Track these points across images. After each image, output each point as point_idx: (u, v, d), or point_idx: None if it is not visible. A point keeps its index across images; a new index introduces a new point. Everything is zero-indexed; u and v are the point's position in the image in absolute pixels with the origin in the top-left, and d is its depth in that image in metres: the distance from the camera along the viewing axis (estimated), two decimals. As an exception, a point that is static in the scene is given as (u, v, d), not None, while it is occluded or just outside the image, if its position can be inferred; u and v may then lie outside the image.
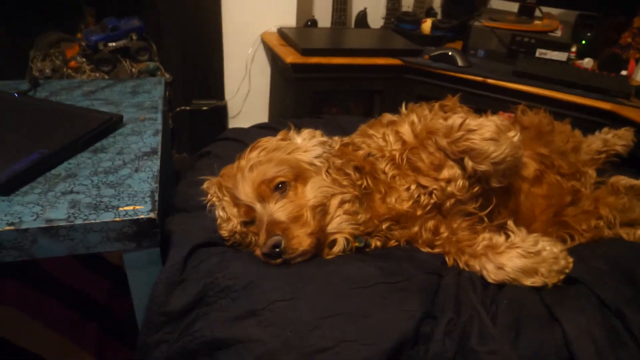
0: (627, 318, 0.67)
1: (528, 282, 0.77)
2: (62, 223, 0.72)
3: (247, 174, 0.79)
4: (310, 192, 0.79)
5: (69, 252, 0.75)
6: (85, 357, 1.21)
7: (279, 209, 0.75)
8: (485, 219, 0.88)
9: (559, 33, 1.75)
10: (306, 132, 0.90)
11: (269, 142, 0.86)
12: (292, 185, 0.79)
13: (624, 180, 0.97)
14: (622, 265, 0.77)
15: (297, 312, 0.66)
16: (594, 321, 0.67)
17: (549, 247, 0.79)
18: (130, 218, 0.75)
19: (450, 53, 1.65)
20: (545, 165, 1.02)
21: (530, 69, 1.58)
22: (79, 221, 0.73)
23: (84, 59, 1.69)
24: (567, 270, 0.79)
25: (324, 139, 0.90)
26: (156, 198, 0.80)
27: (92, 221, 0.73)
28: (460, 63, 1.63)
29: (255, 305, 0.67)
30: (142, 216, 0.75)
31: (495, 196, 0.90)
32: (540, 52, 1.68)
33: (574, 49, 1.73)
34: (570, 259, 0.80)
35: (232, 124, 2.19)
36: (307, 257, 0.74)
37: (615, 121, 1.36)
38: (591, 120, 1.42)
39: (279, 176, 0.78)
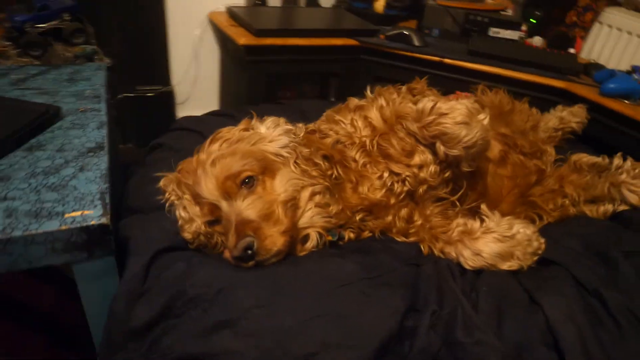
0: (605, 297, 0.67)
1: (505, 266, 0.76)
2: (-4, 236, 0.63)
3: (209, 169, 0.73)
4: (280, 186, 0.73)
5: (8, 268, 0.66)
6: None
7: (247, 207, 0.69)
8: (458, 204, 0.87)
9: (510, 12, 1.77)
10: (270, 121, 0.83)
11: (230, 132, 0.79)
12: (259, 180, 0.73)
13: (585, 157, 0.99)
14: (594, 244, 0.78)
15: (276, 318, 0.61)
16: (574, 304, 0.67)
17: (522, 230, 0.79)
18: (78, 225, 0.66)
19: (406, 32, 1.63)
20: (508, 145, 1.02)
21: (484, 48, 1.59)
22: (17, 232, 0.63)
23: (9, 43, 1.51)
24: (540, 252, 0.79)
25: (289, 126, 0.84)
26: (107, 200, 0.71)
27: (34, 232, 0.64)
28: (416, 43, 1.61)
29: (229, 315, 0.61)
30: (93, 222, 0.67)
31: (465, 180, 0.88)
32: (493, 31, 1.69)
33: (524, 28, 1.75)
34: (542, 240, 0.80)
35: (180, 110, 2.07)
36: (281, 256, 0.69)
37: (568, 99, 1.40)
38: (545, 98, 1.45)
39: (245, 170, 0.72)
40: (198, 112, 1.33)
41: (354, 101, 0.94)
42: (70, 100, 1.01)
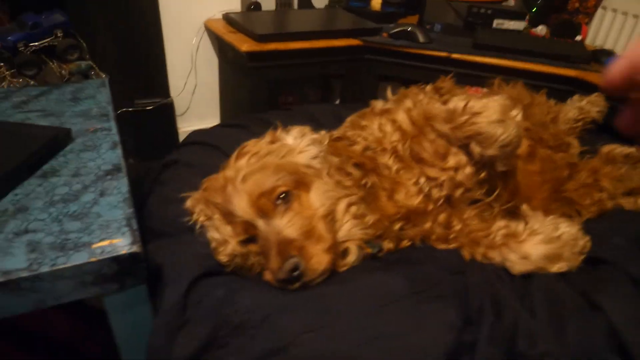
0: (665, 295, 0.64)
1: (554, 268, 0.73)
2: (23, 274, 0.58)
3: (240, 186, 0.69)
4: (317, 200, 0.70)
5: (35, 307, 0.61)
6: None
7: (287, 225, 0.65)
8: (495, 205, 0.84)
9: (511, 2, 1.74)
10: (296, 130, 0.80)
11: (257, 146, 0.75)
12: (294, 195, 0.69)
13: (618, 148, 0.96)
14: (642, 239, 0.75)
15: (329, 343, 0.57)
16: (635, 303, 0.64)
17: (568, 229, 0.76)
18: (108, 256, 0.62)
19: (410, 29, 1.59)
20: (534, 140, 0.99)
21: (490, 40, 1.56)
22: (44, 268, 0.59)
23: (1, 64, 1.46)
24: (585, 250, 0.76)
25: (315, 135, 0.80)
26: (135, 226, 0.67)
27: (62, 266, 0.59)
28: (421, 39, 1.58)
29: (279, 342, 0.57)
30: (124, 252, 0.62)
31: (499, 180, 0.85)
32: (497, 23, 1.66)
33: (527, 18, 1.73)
34: (587, 238, 0.77)
35: (181, 122, 2.02)
36: (327, 275, 0.65)
37: (581, 88, 1.37)
38: (557, 88, 1.42)
39: (279, 185, 0.68)
40: (199, 123, 1.29)
41: (378, 104, 0.90)
42: (77, 121, 0.96)
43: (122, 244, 0.63)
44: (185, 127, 1.99)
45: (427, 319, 0.61)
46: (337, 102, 1.85)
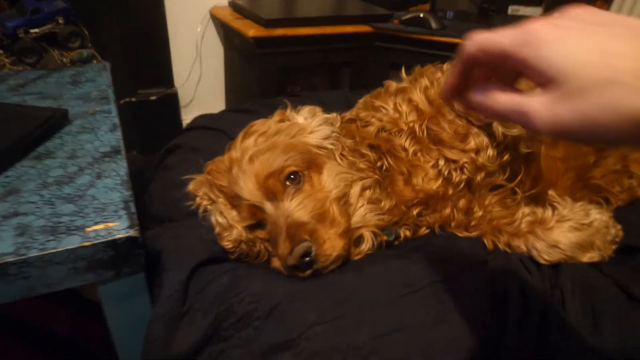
0: None
1: (585, 258, 0.68)
2: (10, 258, 0.53)
3: (246, 167, 0.64)
4: (329, 181, 0.64)
5: (25, 294, 0.56)
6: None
7: (298, 207, 0.60)
8: (518, 191, 0.78)
9: (527, -12, 1.68)
10: (306, 110, 0.75)
11: (265, 125, 0.70)
12: (305, 175, 0.64)
13: (648, 133, 0.90)
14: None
15: (344, 335, 0.52)
16: (681, 296, 0.58)
17: (599, 216, 0.70)
18: (103, 240, 0.57)
19: (422, 15, 1.54)
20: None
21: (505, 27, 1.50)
22: (33, 252, 0.54)
23: (1, 50, 1.42)
24: (617, 239, 0.71)
25: (327, 115, 0.75)
26: (133, 209, 0.62)
27: (52, 250, 0.55)
28: (433, 26, 1.52)
29: (288, 334, 0.52)
30: (120, 235, 0.57)
31: (522, 164, 0.79)
32: (512, 9, 1.61)
33: (543, 4, 1.67)
34: (619, 226, 0.72)
35: (185, 114, 1.98)
36: (340, 262, 0.60)
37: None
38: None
39: (289, 165, 0.63)
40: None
41: (393, 84, 0.84)
42: (76, 104, 0.91)
43: (118, 227, 0.58)
44: (190, 118, 1.94)
45: (449, 312, 0.56)
46: (347, 90, 1.79)
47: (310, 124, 0.71)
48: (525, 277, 0.63)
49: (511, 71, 0.35)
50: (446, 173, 0.72)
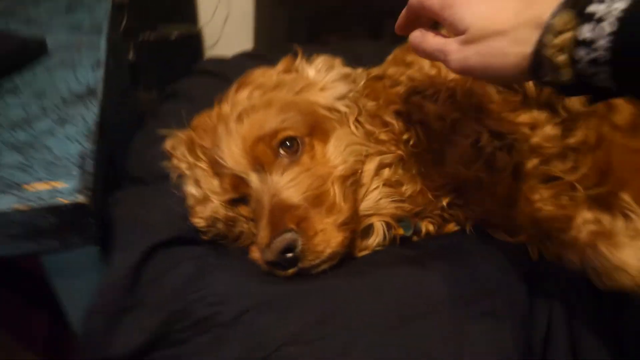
0: None
1: (662, 289, 0.51)
2: None
3: (234, 127, 0.50)
4: (336, 154, 0.51)
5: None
6: None
7: (289, 184, 0.47)
8: (579, 188, 0.61)
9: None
10: (320, 60, 0.60)
11: (265, 75, 0.56)
12: (305, 144, 0.50)
13: None
14: None
15: (325, 363, 0.39)
16: None
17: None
18: (43, 204, 0.46)
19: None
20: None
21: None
22: (-49, 212, 0.44)
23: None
24: None
25: (347, 70, 0.60)
26: (89, 168, 0.50)
27: (-24, 211, 0.44)
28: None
29: (254, 350, 0.41)
30: (63, 200, 0.46)
31: (589, 153, 0.62)
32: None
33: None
34: None
35: (209, 55, 1.83)
36: (336, 261, 0.47)
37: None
38: None
39: (285, 129, 0.49)
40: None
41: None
42: (62, 32, 0.79)
43: (64, 189, 0.47)
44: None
45: (472, 344, 0.42)
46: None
47: (322, 79, 0.57)
48: (576, 307, 0.48)
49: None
50: (489, 152, 0.56)
